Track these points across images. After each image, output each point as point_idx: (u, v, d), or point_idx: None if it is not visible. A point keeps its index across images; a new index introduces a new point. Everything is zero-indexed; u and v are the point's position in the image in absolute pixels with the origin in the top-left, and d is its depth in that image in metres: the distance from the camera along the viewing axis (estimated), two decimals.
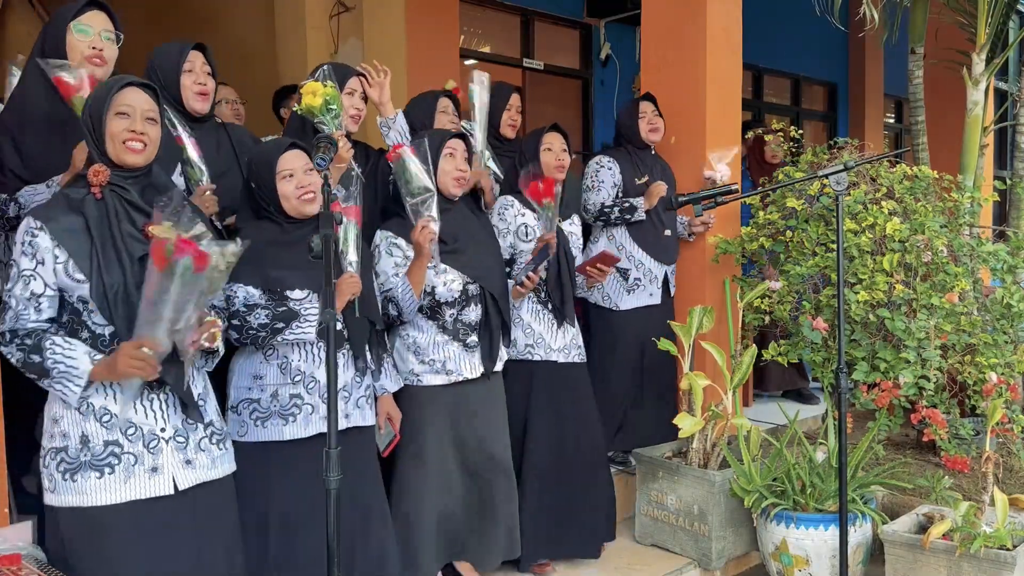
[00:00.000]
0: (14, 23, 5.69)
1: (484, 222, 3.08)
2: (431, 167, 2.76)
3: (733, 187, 3.55)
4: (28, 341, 1.96)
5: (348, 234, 2.46)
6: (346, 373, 2.51)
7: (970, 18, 4.48)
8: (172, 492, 2.05)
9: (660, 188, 3.73)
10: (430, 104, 3.33)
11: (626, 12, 6.52)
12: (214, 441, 2.16)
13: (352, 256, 2.46)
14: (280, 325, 2.34)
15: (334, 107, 2.64)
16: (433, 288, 2.80)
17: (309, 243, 1.92)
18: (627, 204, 3.72)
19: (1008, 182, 4.68)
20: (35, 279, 1.97)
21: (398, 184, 2.72)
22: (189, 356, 2.01)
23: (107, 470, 1.99)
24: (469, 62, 6.20)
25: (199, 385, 2.17)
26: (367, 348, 2.58)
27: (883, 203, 3.59)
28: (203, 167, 2.61)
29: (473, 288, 2.87)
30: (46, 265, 1.97)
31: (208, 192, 2.57)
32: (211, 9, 5.98)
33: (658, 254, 3.81)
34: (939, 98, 5.40)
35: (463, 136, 2.91)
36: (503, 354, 3.01)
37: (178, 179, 2.63)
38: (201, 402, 2.15)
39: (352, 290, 2.40)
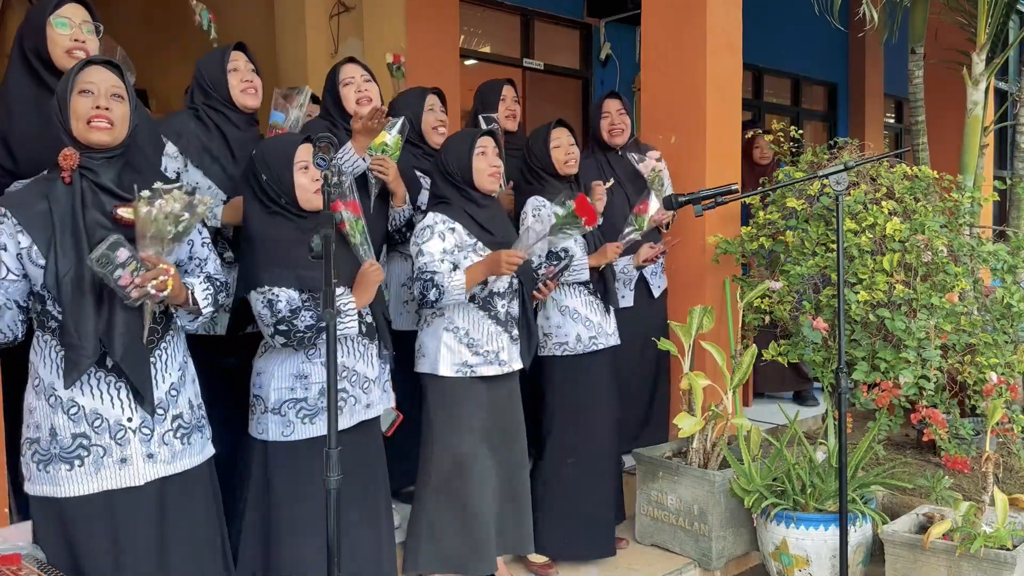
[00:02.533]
0: (14, 21, 5.69)
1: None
2: (468, 166, 2.83)
3: (733, 187, 3.55)
4: None
5: (356, 227, 2.50)
6: (377, 364, 2.57)
7: (970, 18, 4.48)
8: (143, 483, 2.06)
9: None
10: (418, 101, 3.33)
11: (626, 12, 6.52)
12: (178, 435, 2.14)
13: (367, 247, 2.50)
14: (323, 324, 2.33)
15: (389, 151, 2.92)
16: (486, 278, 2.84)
17: (309, 243, 1.93)
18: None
19: (1008, 182, 4.68)
20: None
21: (550, 215, 2.86)
22: (131, 300, 1.95)
23: (76, 462, 2.00)
24: (469, 62, 6.20)
25: (173, 374, 2.14)
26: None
27: (883, 203, 3.59)
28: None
29: (515, 282, 2.93)
30: (9, 251, 1.97)
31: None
32: (211, 9, 5.97)
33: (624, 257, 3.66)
34: (939, 98, 5.39)
35: (491, 133, 2.93)
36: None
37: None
38: (173, 392, 2.13)
39: (377, 278, 2.45)
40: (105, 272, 1.89)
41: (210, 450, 2.26)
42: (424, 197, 3.17)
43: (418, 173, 3.24)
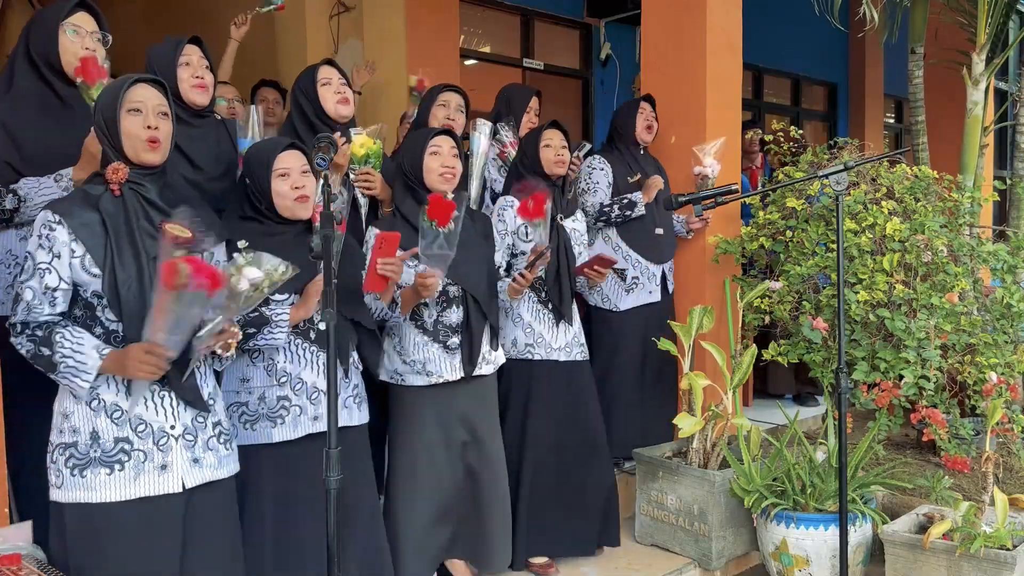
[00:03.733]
0: (14, 21, 5.70)
1: (476, 223, 2.99)
2: (419, 164, 2.78)
3: (733, 187, 3.55)
4: (39, 333, 1.96)
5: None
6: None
7: (970, 18, 4.48)
8: (181, 490, 2.06)
9: (657, 181, 3.75)
10: (431, 99, 3.36)
11: (626, 12, 6.52)
12: (222, 440, 2.16)
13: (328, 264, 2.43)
14: (251, 331, 2.29)
15: (372, 161, 2.94)
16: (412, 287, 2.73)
17: (309, 243, 1.92)
18: (626, 200, 3.71)
19: (1008, 182, 4.68)
20: (50, 272, 1.98)
21: (421, 232, 2.58)
22: (197, 357, 2.03)
23: (117, 467, 2.00)
24: (469, 62, 6.20)
25: (209, 384, 2.17)
26: (352, 349, 2.54)
27: (883, 203, 3.59)
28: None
29: (455, 289, 2.81)
30: (62, 259, 1.98)
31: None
32: (210, 8, 5.98)
33: (650, 253, 3.79)
34: (939, 98, 5.40)
35: (449, 132, 2.87)
36: (495, 357, 2.97)
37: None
38: (211, 401, 2.15)
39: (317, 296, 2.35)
40: (202, 333, 1.97)
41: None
42: None
43: None
